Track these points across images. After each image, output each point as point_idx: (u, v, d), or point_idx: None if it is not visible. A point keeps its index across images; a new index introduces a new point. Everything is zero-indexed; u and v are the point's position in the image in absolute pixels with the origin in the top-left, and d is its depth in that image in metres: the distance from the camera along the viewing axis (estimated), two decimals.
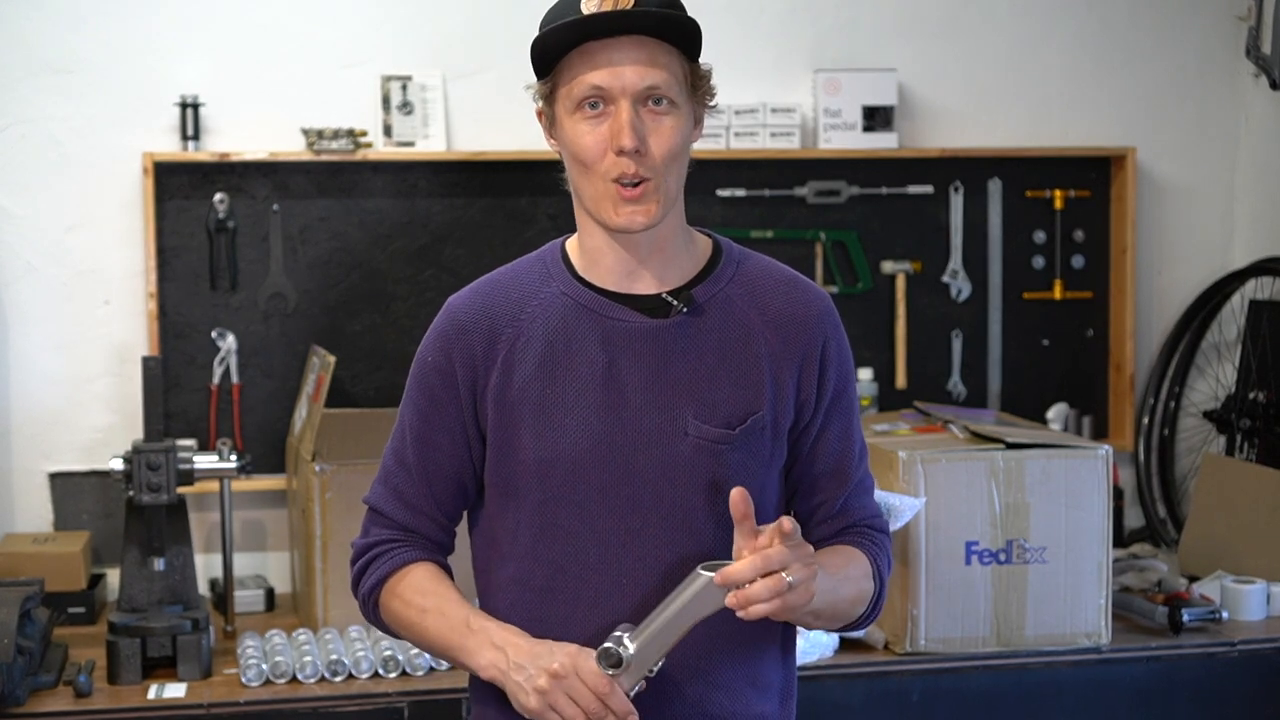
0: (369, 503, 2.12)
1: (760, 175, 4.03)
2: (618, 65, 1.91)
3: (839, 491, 2.08)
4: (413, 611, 2.03)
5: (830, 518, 2.09)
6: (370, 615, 2.11)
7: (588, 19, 1.90)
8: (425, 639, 2.04)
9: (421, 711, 3.02)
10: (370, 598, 2.09)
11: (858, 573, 2.05)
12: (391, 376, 3.87)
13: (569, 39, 1.92)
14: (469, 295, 2.07)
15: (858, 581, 2.04)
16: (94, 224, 3.76)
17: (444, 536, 2.11)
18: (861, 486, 2.11)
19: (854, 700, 3.13)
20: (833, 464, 2.07)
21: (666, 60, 1.94)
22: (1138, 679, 3.23)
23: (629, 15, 1.90)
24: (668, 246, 2.02)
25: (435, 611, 2.01)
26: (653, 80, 1.92)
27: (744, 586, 1.82)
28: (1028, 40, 4.20)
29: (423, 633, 2.03)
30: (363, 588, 2.09)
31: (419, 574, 2.06)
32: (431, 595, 2.03)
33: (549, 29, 1.93)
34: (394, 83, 3.85)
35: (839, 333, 2.08)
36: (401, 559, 2.06)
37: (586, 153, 1.94)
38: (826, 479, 2.08)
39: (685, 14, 1.94)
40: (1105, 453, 3.18)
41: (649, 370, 1.99)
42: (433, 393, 2.05)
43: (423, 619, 2.02)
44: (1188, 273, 4.31)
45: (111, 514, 3.70)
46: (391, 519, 2.08)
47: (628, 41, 1.92)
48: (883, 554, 2.11)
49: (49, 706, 2.96)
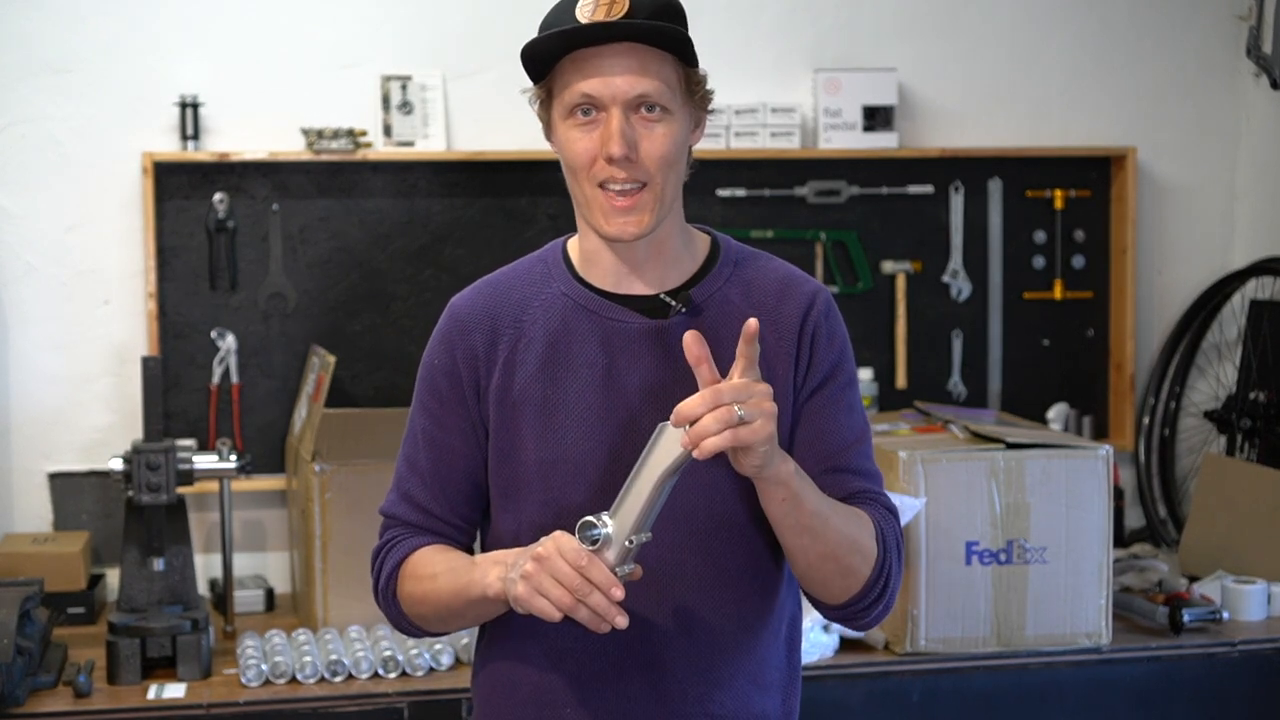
0: (383, 512, 2.10)
1: (760, 175, 4.03)
2: (608, 74, 1.91)
3: (826, 450, 1.99)
4: (425, 582, 2.00)
5: (821, 473, 1.98)
6: (392, 612, 2.08)
7: (576, 30, 1.90)
8: (441, 602, 2.00)
9: (421, 711, 3.02)
10: (387, 591, 2.06)
11: (854, 518, 1.94)
12: (391, 376, 3.87)
13: (560, 45, 1.92)
14: (471, 295, 2.08)
15: (853, 522, 1.93)
16: (94, 224, 3.76)
17: (461, 537, 2.08)
18: (861, 471, 2.02)
19: (854, 700, 3.13)
20: (818, 446, 1.99)
21: (659, 67, 1.93)
22: (1138, 679, 3.23)
23: (618, 26, 1.90)
24: (666, 249, 2.02)
25: (445, 571, 1.99)
26: (644, 89, 1.92)
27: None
28: (1028, 40, 4.20)
29: (438, 597, 1.99)
30: (379, 585, 2.07)
31: (426, 551, 2.04)
32: (441, 563, 2.01)
33: (539, 37, 1.93)
34: (394, 83, 3.85)
35: (829, 321, 2.03)
36: (409, 545, 2.05)
37: (577, 159, 1.95)
38: (810, 461, 1.98)
39: (675, 25, 1.93)
40: (1105, 453, 3.18)
41: (648, 371, 1.99)
42: (441, 395, 2.05)
43: (435, 584, 1.99)
44: (1188, 273, 4.30)
45: (111, 514, 3.70)
46: (406, 523, 2.07)
47: (619, 49, 1.91)
48: (889, 524, 1.99)
49: (49, 706, 2.96)
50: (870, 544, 1.96)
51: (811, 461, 1.99)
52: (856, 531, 1.94)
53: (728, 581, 2.00)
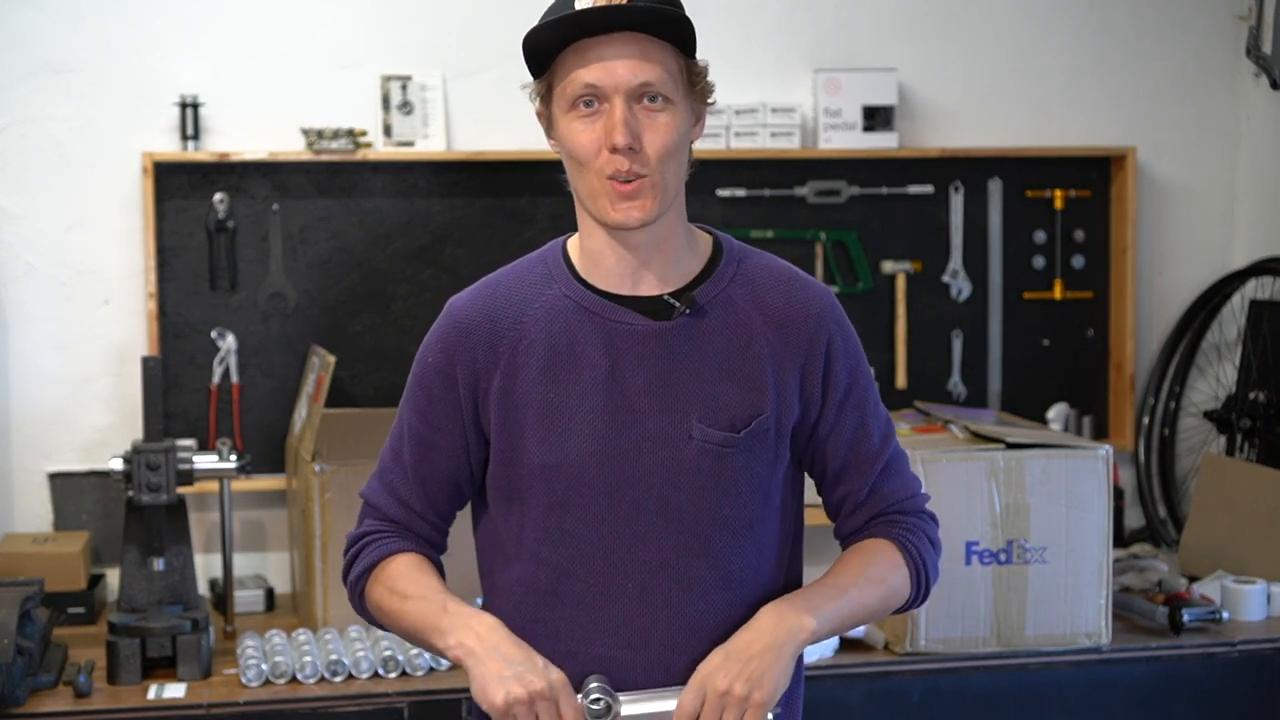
0: (364, 496, 2.12)
1: (760, 175, 4.03)
2: (610, 62, 1.91)
3: (862, 482, 2.07)
4: (395, 599, 2.02)
5: (858, 508, 2.09)
6: (356, 604, 2.11)
7: (579, 14, 1.90)
8: (404, 624, 2.03)
9: (421, 711, 3.02)
10: (357, 586, 2.08)
11: (879, 571, 2.04)
12: (391, 376, 3.87)
13: (561, 35, 1.92)
14: (471, 297, 2.07)
15: (880, 581, 2.04)
16: (94, 224, 3.76)
17: (436, 535, 2.11)
18: (890, 470, 2.09)
19: (854, 700, 3.13)
20: (853, 457, 2.07)
21: (661, 56, 1.93)
22: (1138, 679, 3.23)
23: (620, 11, 1.89)
24: (669, 246, 2.02)
25: (416, 598, 2.01)
26: (646, 77, 1.92)
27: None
28: (1028, 40, 4.20)
29: (402, 618, 2.02)
30: (350, 576, 2.09)
31: (404, 562, 2.05)
32: (414, 583, 2.02)
33: (541, 25, 1.93)
34: (394, 83, 3.85)
35: (842, 327, 2.06)
36: (388, 548, 2.06)
37: (581, 151, 1.94)
38: (849, 472, 2.07)
39: (678, 10, 1.94)
40: (1105, 453, 3.18)
41: (652, 373, 1.98)
42: (432, 394, 2.05)
43: (403, 605, 2.01)
44: (1188, 273, 4.30)
45: (111, 514, 3.70)
46: (384, 513, 2.09)
47: (620, 38, 1.91)
48: (917, 535, 2.09)
49: (49, 706, 2.96)
50: (902, 581, 2.07)
51: (837, 468, 2.08)
52: (886, 588, 2.06)
53: (731, 584, 2.00)
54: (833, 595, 1.99)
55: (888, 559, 2.06)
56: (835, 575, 2.04)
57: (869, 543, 2.08)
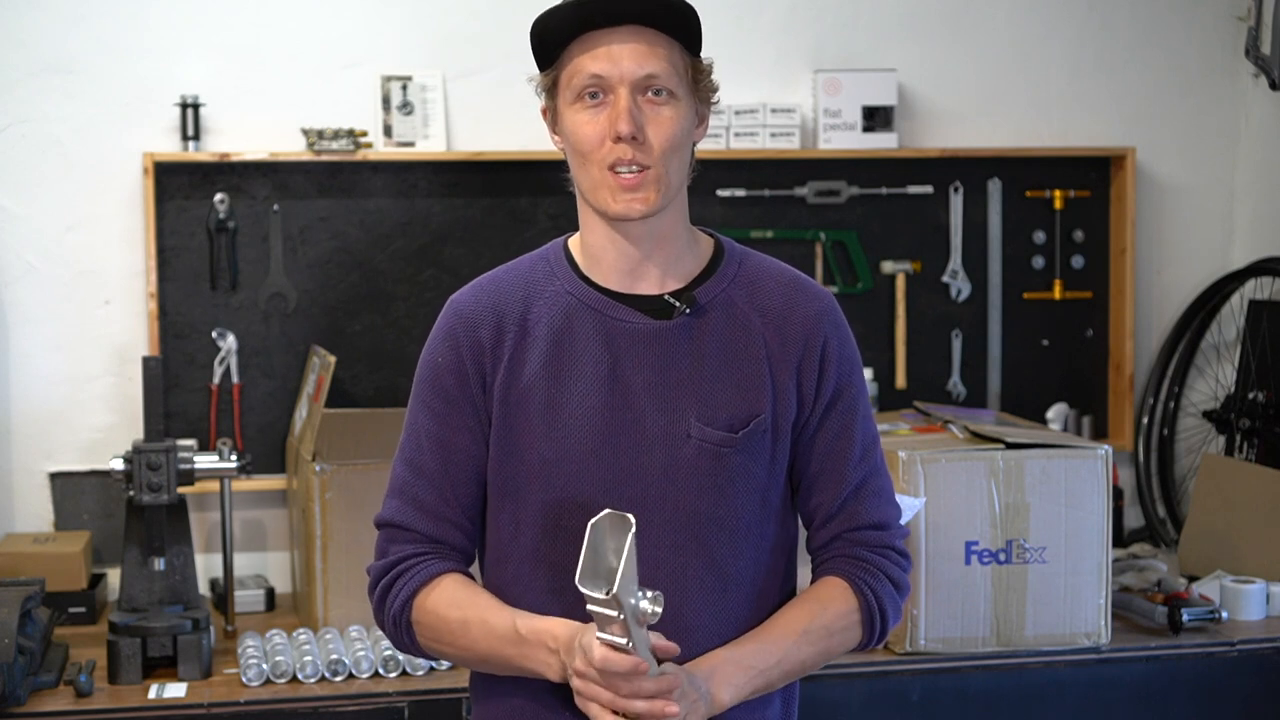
0: (384, 520, 2.04)
1: (760, 175, 4.03)
2: (616, 54, 1.92)
3: (836, 492, 2.04)
4: (453, 625, 1.96)
5: (828, 520, 2.06)
6: (402, 637, 2.03)
7: (586, 3, 1.91)
8: (471, 652, 1.97)
9: (421, 711, 3.02)
10: (401, 618, 2.01)
11: (825, 622, 2.00)
12: (391, 376, 3.88)
13: (569, 25, 1.93)
14: (473, 291, 2.07)
15: (824, 634, 2.00)
16: (94, 224, 3.76)
17: (468, 544, 2.06)
18: (867, 489, 2.06)
19: (854, 700, 3.13)
20: (829, 463, 2.04)
21: (666, 51, 1.94)
22: (1137, 679, 3.23)
23: (627, 1, 1.91)
24: (670, 243, 2.02)
25: (478, 622, 1.95)
26: (651, 69, 1.93)
27: None
28: (1028, 40, 4.20)
29: (468, 646, 1.97)
30: (390, 609, 2.01)
31: (449, 585, 1.99)
32: (469, 606, 1.97)
33: (549, 12, 1.94)
34: (394, 83, 3.86)
35: (840, 331, 2.06)
36: (428, 572, 2.00)
37: (585, 142, 1.95)
38: (824, 479, 2.04)
39: (685, 3, 1.95)
40: (1105, 453, 3.18)
41: (652, 372, 1.99)
42: (447, 393, 2.02)
43: (465, 631, 1.96)
44: (1187, 273, 4.31)
45: (112, 514, 3.71)
46: (415, 532, 2.02)
47: (627, 31, 1.93)
48: (876, 578, 2.03)
49: (49, 706, 2.96)
50: (851, 630, 2.02)
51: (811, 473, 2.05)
52: (829, 643, 2.01)
53: (729, 584, 2.00)
54: (765, 654, 1.97)
55: (836, 609, 2.01)
56: (778, 627, 2.00)
57: (823, 589, 2.03)
